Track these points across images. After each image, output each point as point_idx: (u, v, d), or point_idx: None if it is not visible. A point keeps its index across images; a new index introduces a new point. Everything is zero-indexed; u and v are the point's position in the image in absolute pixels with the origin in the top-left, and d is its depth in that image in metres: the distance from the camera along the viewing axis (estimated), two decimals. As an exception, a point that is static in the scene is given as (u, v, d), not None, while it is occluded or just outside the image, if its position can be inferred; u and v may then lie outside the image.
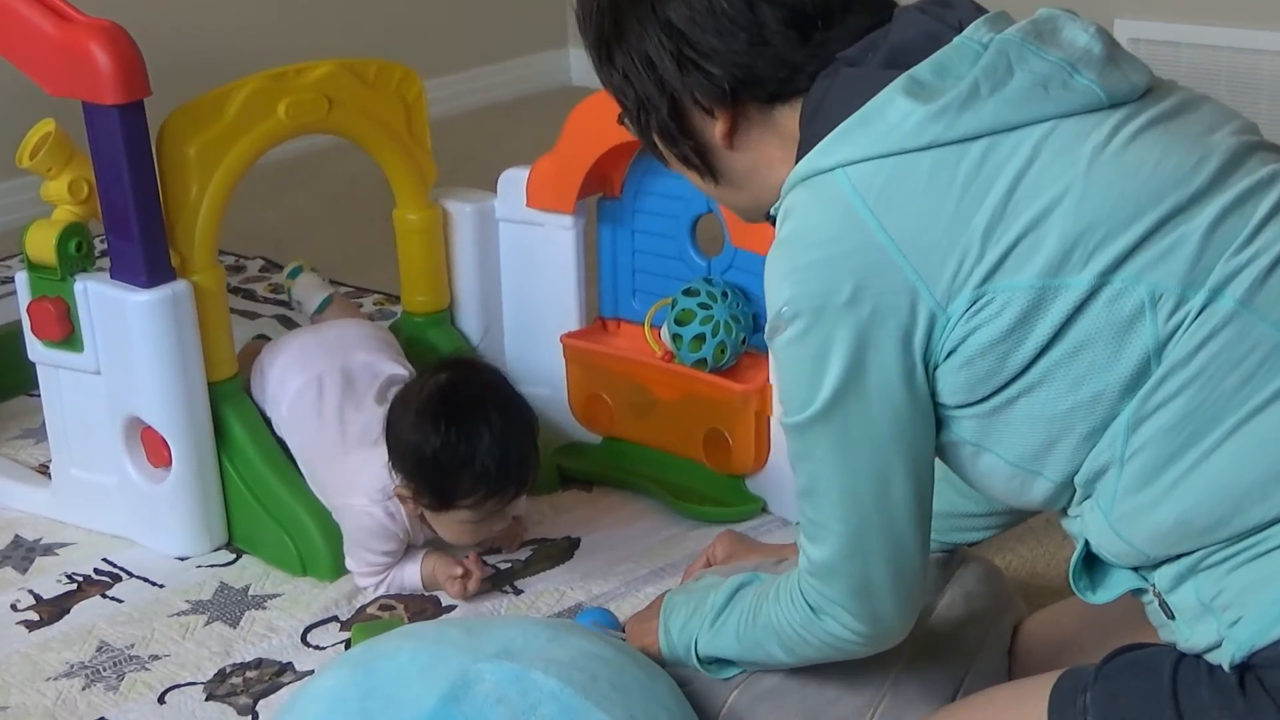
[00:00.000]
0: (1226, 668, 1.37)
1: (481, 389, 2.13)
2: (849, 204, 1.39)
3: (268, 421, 2.35)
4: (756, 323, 2.34)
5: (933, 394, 1.44)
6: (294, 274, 2.65)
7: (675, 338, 2.35)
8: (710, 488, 2.39)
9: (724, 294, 2.33)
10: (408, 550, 2.21)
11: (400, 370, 2.34)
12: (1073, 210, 1.36)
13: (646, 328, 2.43)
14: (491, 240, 2.53)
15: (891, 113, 1.39)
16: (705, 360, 2.34)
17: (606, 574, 2.24)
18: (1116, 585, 1.47)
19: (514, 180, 2.48)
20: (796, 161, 1.45)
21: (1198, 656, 1.41)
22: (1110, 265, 1.36)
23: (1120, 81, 1.43)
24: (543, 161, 2.45)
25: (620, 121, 1.63)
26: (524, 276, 2.53)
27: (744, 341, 2.35)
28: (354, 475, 2.20)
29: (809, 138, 1.45)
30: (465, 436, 2.07)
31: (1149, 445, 1.37)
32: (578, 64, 4.86)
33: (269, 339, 2.52)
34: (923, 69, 1.42)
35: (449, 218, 2.52)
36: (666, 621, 1.80)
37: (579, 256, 2.47)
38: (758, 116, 1.52)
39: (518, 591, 2.21)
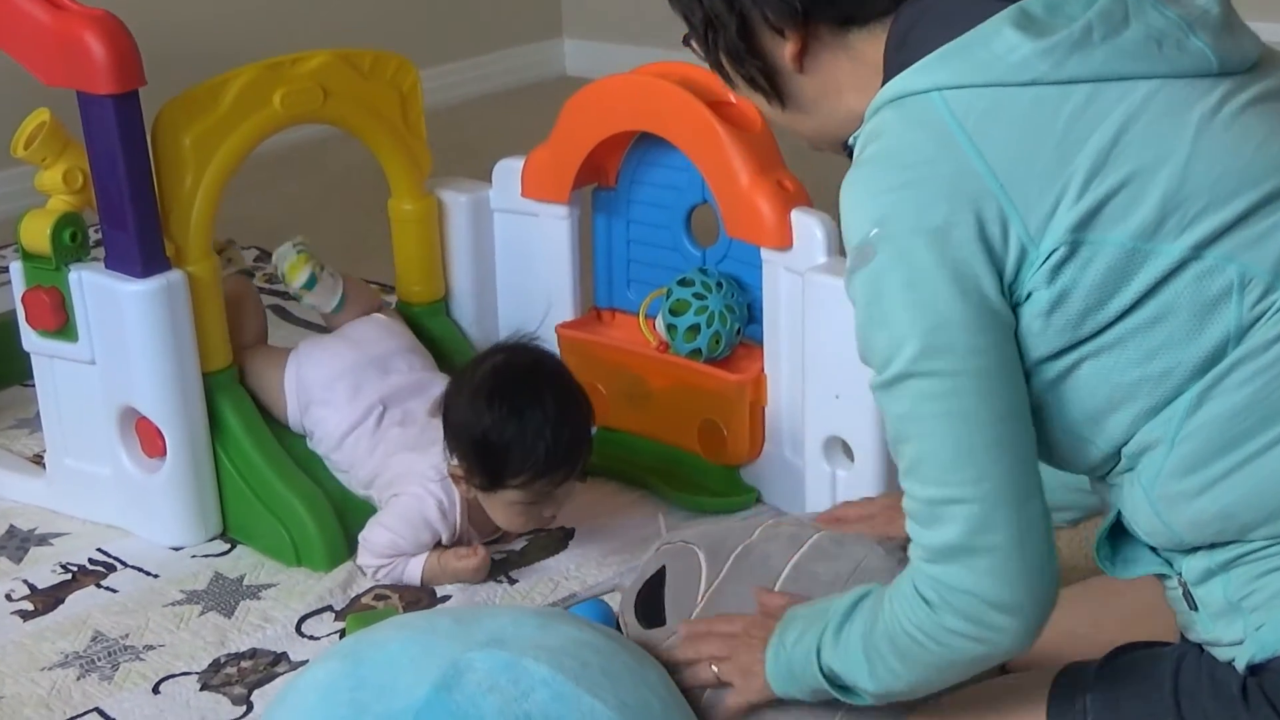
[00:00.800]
0: (1240, 667, 1.36)
1: (535, 370, 2.14)
2: (945, 127, 1.35)
3: (267, 416, 2.34)
4: (751, 313, 2.34)
5: None
6: (311, 284, 2.46)
7: (670, 328, 2.35)
8: (705, 478, 2.39)
9: (719, 284, 2.33)
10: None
11: (441, 383, 2.30)
12: (1176, 175, 1.32)
13: (641, 318, 2.44)
14: (486, 230, 2.53)
15: (998, 43, 1.35)
16: (700, 351, 2.34)
17: (601, 564, 2.24)
18: (1139, 565, 1.45)
19: (509, 170, 2.49)
20: (882, 86, 1.41)
21: (1198, 665, 1.40)
22: (1204, 239, 1.32)
23: (1233, 50, 1.38)
24: (538, 152, 2.45)
25: (685, 43, 1.57)
26: (519, 267, 2.53)
27: (739, 332, 2.35)
28: (409, 468, 2.22)
29: (898, 63, 1.40)
30: (516, 415, 2.07)
31: (1205, 430, 1.34)
32: (573, 54, 4.86)
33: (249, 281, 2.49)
34: (1035, 3, 1.37)
35: (444, 208, 2.52)
36: (783, 630, 1.62)
37: (574, 247, 2.47)
38: (830, 39, 1.47)
39: (512, 581, 2.21)
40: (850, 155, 1.47)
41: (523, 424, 2.07)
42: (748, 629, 1.70)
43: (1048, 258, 1.33)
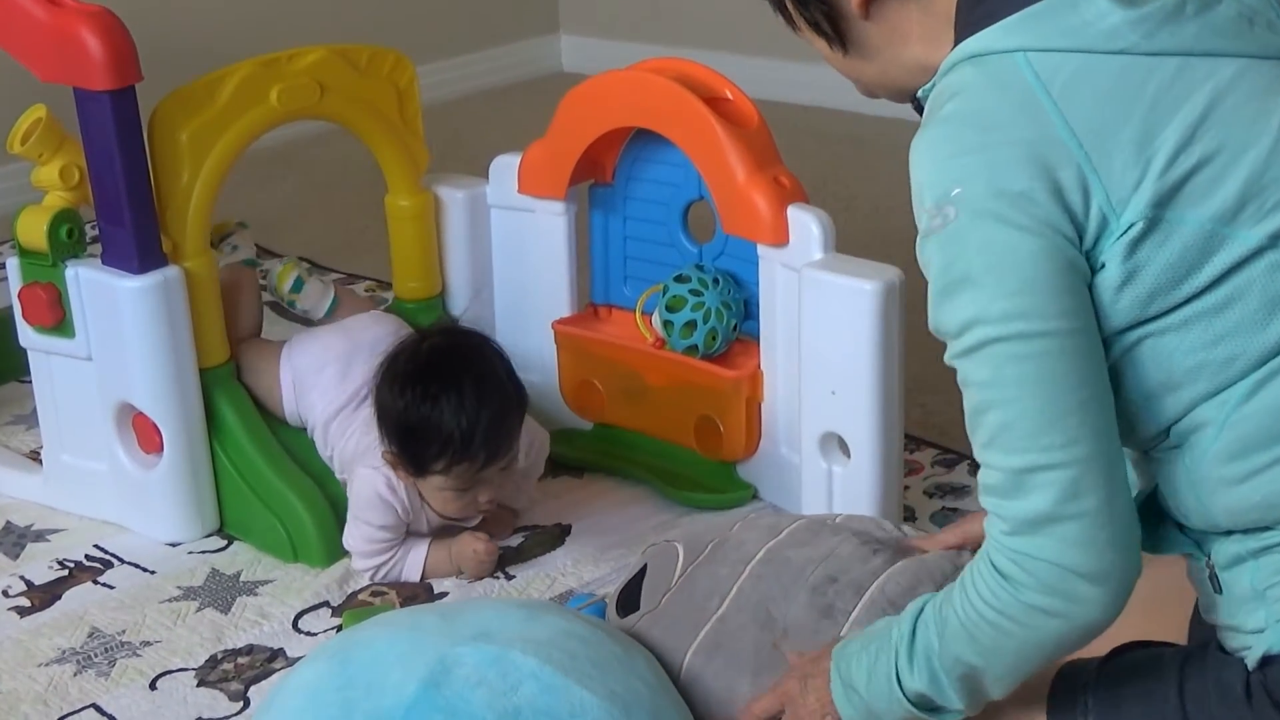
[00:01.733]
0: (1255, 657, 1.36)
1: (458, 355, 2.13)
2: (1029, 89, 1.33)
3: (264, 412, 2.34)
4: (748, 309, 2.34)
5: None
6: (298, 287, 2.50)
7: (666, 324, 2.35)
8: (701, 474, 2.39)
9: (715, 280, 2.33)
10: (407, 538, 2.21)
11: None
12: (1260, 160, 1.31)
13: (638, 314, 2.44)
14: (483, 226, 2.53)
15: (1088, 9, 1.34)
16: (696, 347, 2.34)
17: (598, 560, 2.25)
18: (1168, 544, 1.44)
19: (506, 166, 2.48)
20: (957, 40, 1.39)
21: (1204, 667, 1.39)
22: None
23: None
24: (534, 148, 2.45)
25: None
26: (515, 263, 2.53)
27: (735, 328, 2.35)
28: (365, 448, 2.22)
29: (976, 17, 1.38)
30: (433, 400, 2.07)
31: (1256, 417, 1.33)
32: (569, 50, 4.86)
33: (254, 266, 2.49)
34: None
35: (441, 204, 2.52)
36: (846, 673, 1.52)
37: (570, 243, 2.47)
38: None
39: (509, 577, 2.21)
40: (916, 107, 1.46)
41: (437, 408, 2.06)
42: (788, 688, 1.62)
43: (1126, 230, 1.31)
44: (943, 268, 1.35)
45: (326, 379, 2.31)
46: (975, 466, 2.45)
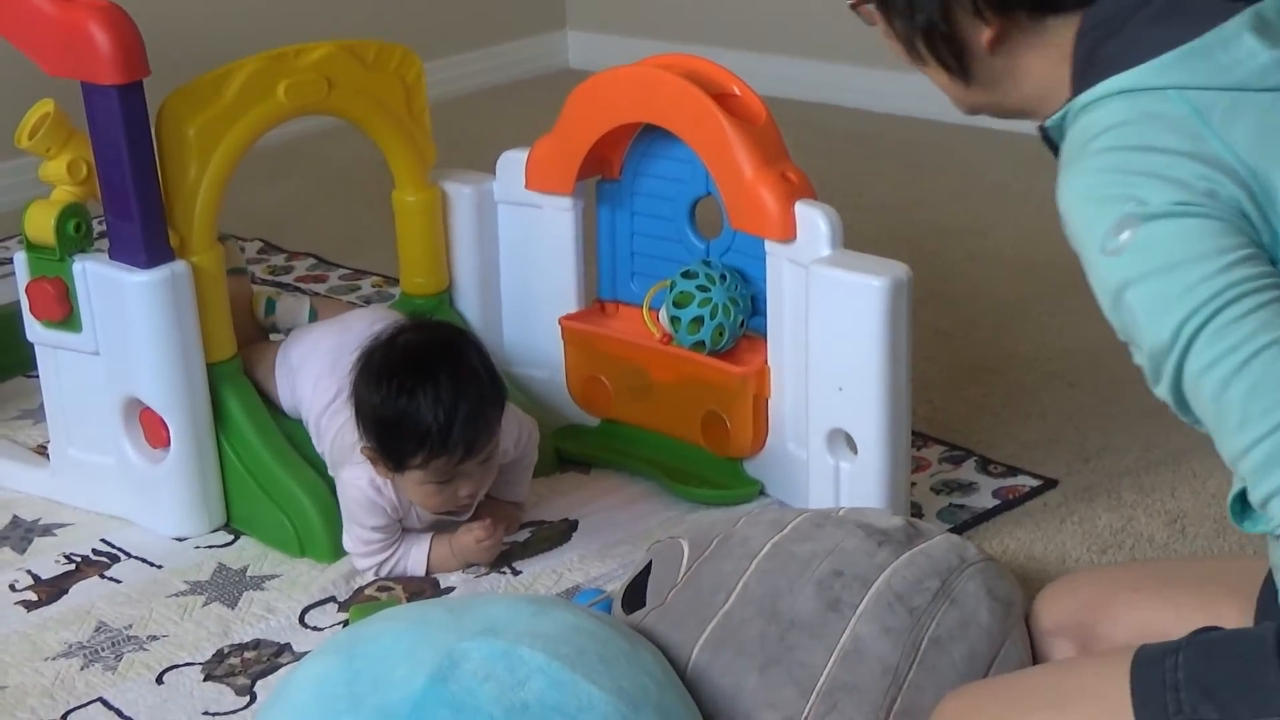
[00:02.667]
0: None
1: (434, 348, 2.11)
2: (1188, 118, 1.39)
3: (271, 407, 2.34)
4: (755, 305, 2.34)
5: None
6: (270, 308, 2.54)
7: (673, 320, 2.35)
8: (708, 470, 2.39)
9: (722, 276, 2.33)
10: (404, 534, 2.21)
11: None
12: None
13: (645, 310, 2.43)
14: (490, 222, 2.53)
15: (1238, 48, 1.40)
16: (703, 343, 2.34)
17: (604, 556, 2.25)
18: (1262, 524, 1.43)
19: (513, 162, 2.48)
20: (1081, 73, 1.47)
21: None
22: None
23: None
24: (541, 143, 2.45)
25: (853, 8, 1.61)
26: (522, 258, 2.53)
27: (742, 324, 2.35)
28: (347, 446, 2.21)
29: (1106, 55, 1.45)
30: (408, 394, 2.05)
31: None
32: (576, 46, 4.86)
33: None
34: (1268, 7, 1.42)
35: (448, 199, 2.52)
36: None
37: (578, 238, 2.47)
38: (1028, 24, 1.52)
39: (516, 572, 2.21)
40: (1045, 135, 1.53)
41: (413, 402, 2.05)
42: None
43: None
44: (1143, 274, 1.36)
45: (317, 371, 2.30)
46: (982, 463, 2.47)
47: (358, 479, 2.17)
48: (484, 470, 2.14)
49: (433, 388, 2.05)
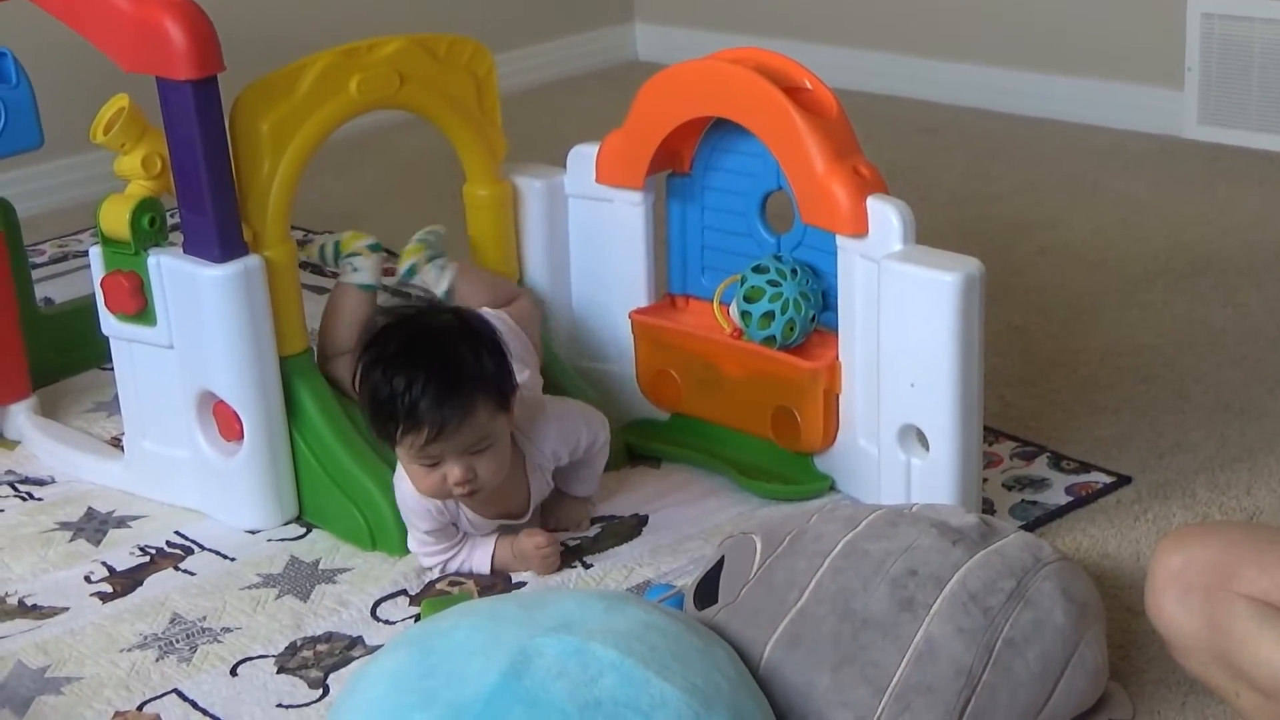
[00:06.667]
0: None
1: (416, 331, 2.09)
2: None
3: (343, 400, 2.35)
4: (826, 300, 2.33)
5: None
6: (409, 274, 2.48)
7: (744, 315, 2.35)
8: (778, 465, 2.38)
9: (793, 271, 2.32)
10: (466, 536, 2.21)
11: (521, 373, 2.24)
12: None
13: (715, 304, 2.43)
14: (560, 216, 2.54)
15: None
16: (774, 337, 2.33)
17: (675, 551, 2.24)
18: None
19: (583, 156, 2.48)
20: None
21: None
22: None
23: None
24: (612, 137, 2.45)
25: None
26: (593, 252, 2.53)
27: (813, 319, 2.34)
28: None
29: None
30: (381, 370, 2.05)
31: None
32: (644, 38, 4.85)
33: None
34: None
35: (518, 193, 2.52)
36: None
37: (648, 233, 2.47)
38: None
39: (587, 566, 2.21)
40: None
41: (385, 379, 2.04)
42: None
43: None
44: None
45: None
46: (1055, 459, 2.45)
47: (400, 483, 2.18)
48: (480, 461, 2.08)
49: (408, 366, 2.04)
